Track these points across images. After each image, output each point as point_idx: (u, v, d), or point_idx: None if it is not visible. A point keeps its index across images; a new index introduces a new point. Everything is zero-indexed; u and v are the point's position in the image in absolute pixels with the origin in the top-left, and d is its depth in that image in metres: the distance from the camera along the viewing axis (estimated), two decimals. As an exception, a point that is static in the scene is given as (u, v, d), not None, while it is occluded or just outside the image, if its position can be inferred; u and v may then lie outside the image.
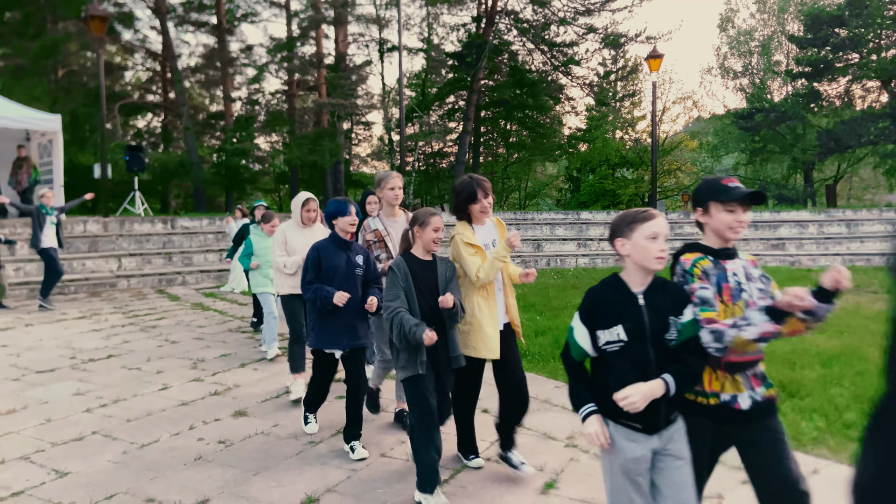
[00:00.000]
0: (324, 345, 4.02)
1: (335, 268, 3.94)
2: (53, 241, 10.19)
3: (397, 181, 4.25)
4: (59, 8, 26.12)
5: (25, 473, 3.83)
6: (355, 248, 4.09)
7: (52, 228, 10.16)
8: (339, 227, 4.04)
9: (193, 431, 4.52)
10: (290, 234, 5.17)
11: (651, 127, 21.41)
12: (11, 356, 6.88)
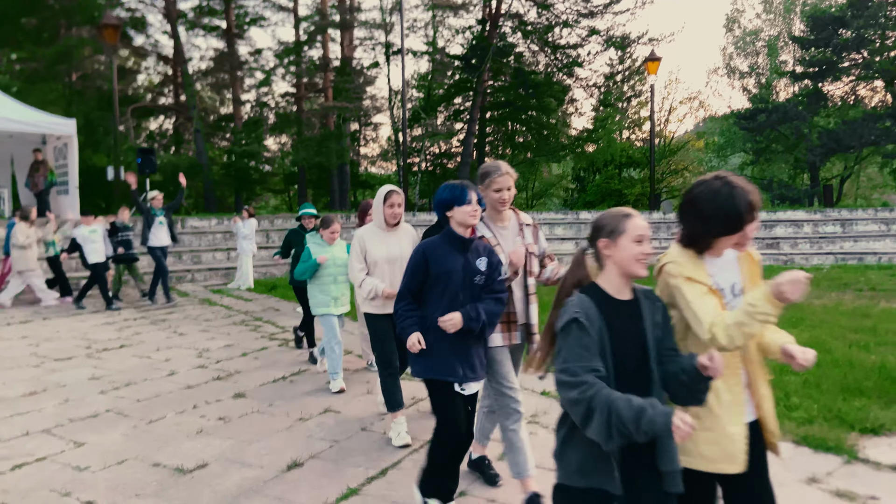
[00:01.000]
0: (437, 372, 3.04)
1: (448, 274, 3.01)
2: (161, 240, 10.56)
3: (507, 180, 3.24)
4: (73, 14, 26.83)
5: (47, 443, 4.32)
6: (477, 248, 3.10)
7: (161, 228, 10.55)
8: (456, 220, 3.05)
9: (196, 410, 5.01)
10: (371, 241, 4.25)
11: (650, 128, 21.79)
12: (31, 346, 7.41)
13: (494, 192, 3.23)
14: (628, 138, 38.15)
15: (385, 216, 4.23)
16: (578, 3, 28.27)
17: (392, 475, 3.74)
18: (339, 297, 5.55)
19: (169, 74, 29.79)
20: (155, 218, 10.51)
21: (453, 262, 3.03)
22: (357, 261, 4.24)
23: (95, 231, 10.22)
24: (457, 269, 3.02)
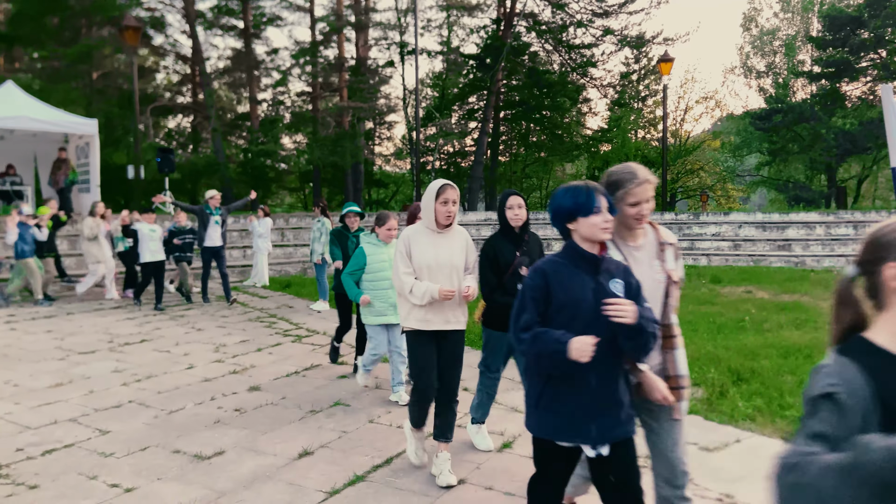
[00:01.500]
0: (555, 434, 2.41)
1: (577, 303, 2.32)
2: (213, 240, 10.43)
3: (647, 190, 2.52)
4: (94, 13, 27.36)
5: (73, 431, 4.60)
6: (609, 268, 2.42)
7: (216, 228, 10.41)
8: (581, 234, 2.37)
9: (214, 402, 5.28)
10: (417, 243, 3.68)
11: (663, 129, 21.84)
12: (56, 340, 7.74)
13: (630, 205, 2.49)
14: (643, 137, 38.16)
15: (437, 215, 3.63)
16: (593, 3, 28.33)
17: (396, 463, 3.97)
18: (395, 304, 4.91)
19: (187, 73, 30.25)
20: (210, 217, 10.35)
21: (582, 288, 2.33)
22: (403, 264, 3.66)
23: (155, 230, 10.17)
24: (586, 296, 2.32)
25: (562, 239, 2.43)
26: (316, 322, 8.85)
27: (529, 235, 3.99)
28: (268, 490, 3.61)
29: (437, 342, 3.72)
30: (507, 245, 3.88)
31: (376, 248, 5.10)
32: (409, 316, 3.70)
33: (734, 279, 13.37)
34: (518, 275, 3.80)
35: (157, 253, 10.11)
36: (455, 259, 3.68)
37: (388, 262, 5.00)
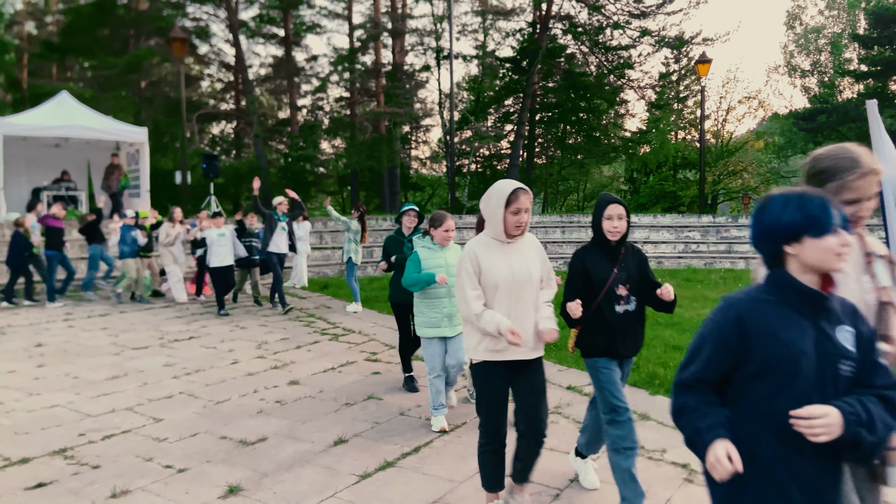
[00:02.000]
0: None
1: (793, 361, 1.70)
2: (280, 246, 10.30)
3: (870, 183, 2.06)
4: (143, 24, 28.50)
5: (130, 419, 5.01)
6: (835, 310, 1.78)
7: (282, 234, 10.31)
8: (804, 261, 1.76)
9: (257, 394, 5.65)
10: (487, 258, 3.11)
11: (700, 131, 21.68)
12: (111, 336, 8.26)
13: (847, 203, 2.00)
14: (684, 139, 37.75)
15: (507, 225, 3.10)
16: (630, 4, 28.26)
17: (424, 452, 4.25)
18: (454, 314, 4.63)
19: (231, 81, 31.19)
20: (278, 223, 10.24)
21: (799, 338, 1.70)
22: (470, 285, 3.06)
23: (224, 234, 10.03)
24: (806, 349, 1.70)
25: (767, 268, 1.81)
26: (352, 322, 9.20)
27: (627, 248, 3.39)
28: (306, 473, 3.93)
29: (511, 375, 3.18)
30: (601, 259, 3.32)
31: (431, 253, 4.69)
32: (478, 346, 3.13)
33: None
34: (615, 295, 3.29)
35: (226, 258, 10.03)
36: (532, 272, 3.15)
37: (445, 269, 4.59)
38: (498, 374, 3.15)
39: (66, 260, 11.50)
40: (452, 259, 4.66)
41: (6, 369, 6.52)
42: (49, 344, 7.74)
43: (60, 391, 5.76)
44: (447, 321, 4.64)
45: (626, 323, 3.30)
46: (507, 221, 3.09)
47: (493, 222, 3.13)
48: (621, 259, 3.35)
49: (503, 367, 3.16)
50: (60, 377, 6.23)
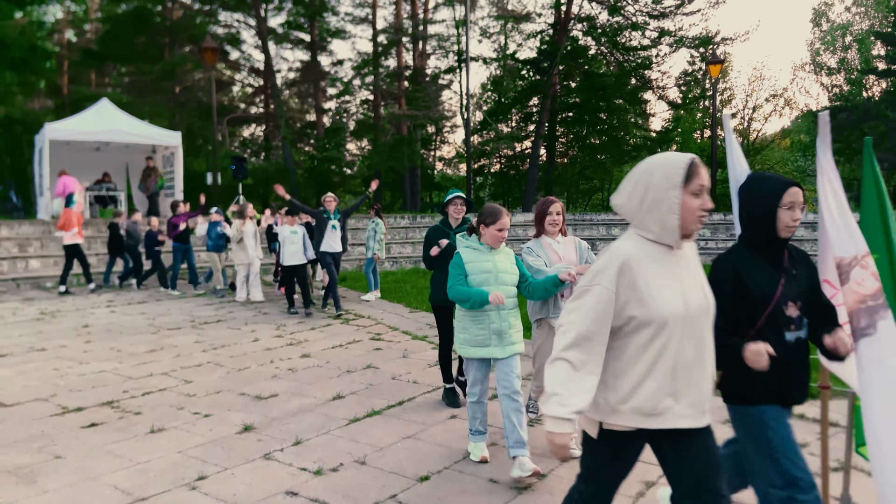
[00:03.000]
0: None
1: None
2: (333, 245, 9.61)
3: None
4: (177, 32, 29.89)
5: (165, 381, 5.92)
6: None
7: (334, 233, 9.62)
8: None
9: (272, 364, 6.53)
10: (645, 272, 2.04)
11: (711, 128, 22.07)
12: (149, 319, 9.24)
13: None
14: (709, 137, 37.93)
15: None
16: (648, 5, 28.70)
17: (406, 405, 5.08)
18: (505, 331, 3.79)
19: (260, 86, 32.44)
20: (328, 222, 9.61)
21: None
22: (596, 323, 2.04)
23: (296, 232, 9.79)
24: None
25: None
26: (364, 309, 10.06)
27: (791, 250, 2.56)
28: (307, 418, 4.78)
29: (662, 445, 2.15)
30: (762, 267, 2.47)
31: (477, 255, 3.83)
32: (621, 405, 2.09)
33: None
34: (783, 316, 2.43)
35: (297, 256, 9.77)
36: (709, 296, 2.16)
37: (494, 274, 3.78)
38: (634, 448, 2.17)
39: (190, 253, 12.40)
40: (504, 264, 3.84)
41: (59, 344, 7.52)
42: (95, 325, 8.76)
43: (106, 360, 6.71)
44: (496, 339, 3.79)
45: (799, 356, 2.45)
46: (687, 209, 2.05)
47: (659, 212, 2.06)
48: (788, 265, 2.49)
49: (648, 436, 2.15)
50: (106, 350, 7.20)
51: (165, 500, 3.45)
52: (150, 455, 4.09)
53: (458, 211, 5.14)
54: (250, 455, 4.08)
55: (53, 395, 5.44)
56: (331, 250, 9.64)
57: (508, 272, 3.84)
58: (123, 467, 3.90)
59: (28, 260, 13.43)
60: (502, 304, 3.62)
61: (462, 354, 3.91)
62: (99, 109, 17.46)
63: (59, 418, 4.86)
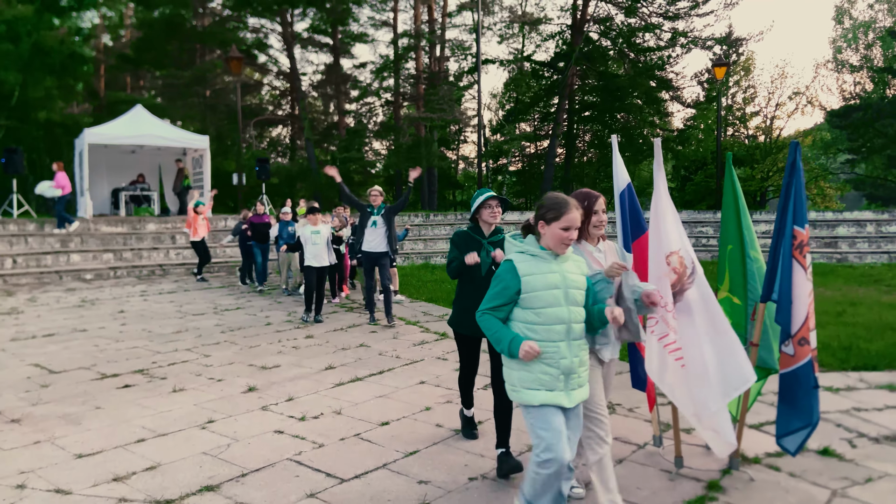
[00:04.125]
0: None
1: None
2: (375, 244, 8.64)
3: None
4: (208, 39, 31.28)
5: (187, 355, 6.94)
6: None
7: (375, 231, 8.64)
8: None
9: (280, 343, 7.52)
10: None
11: (717, 131, 22.57)
12: (176, 307, 10.34)
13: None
14: (732, 135, 38.15)
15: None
16: (663, 7, 29.20)
17: (386, 374, 6.02)
18: (573, 371, 2.81)
19: (286, 88, 33.73)
20: (370, 217, 8.60)
21: None
22: None
23: (318, 232, 8.95)
24: None
25: None
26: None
27: None
28: (301, 383, 5.75)
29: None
30: None
31: (538, 264, 2.84)
32: None
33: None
34: None
35: (319, 258, 8.95)
36: None
37: (564, 290, 2.80)
38: None
39: (267, 252, 12.66)
40: (575, 277, 2.87)
41: (98, 326, 8.62)
42: (129, 311, 9.88)
43: (139, 339, 7.78)
44: (562, 382, 2.79)
45: None
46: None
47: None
48: None
49: None
50: (138, 331, 8.28)
51: (181, 435, 4.44)
52: (171, 407, 5.10)
53: (494, 214, 3.98)
54: (251, 407, 5.06)
55: (94, 365, 6.50)
56: (371, 249, 8.62)
57: (580, 287, 2.87)
58: (150, 414, 4.91)
59: (70, 254, 14.70)
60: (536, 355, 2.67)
61: (520, 401, 2.80)
62: (134, 115, 18.74)
63: (99, 382, 5.90)
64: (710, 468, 3.83)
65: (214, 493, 3.54)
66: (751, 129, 38.60)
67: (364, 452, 4.12)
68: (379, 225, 8.65)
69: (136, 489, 3.59)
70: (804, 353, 3.48)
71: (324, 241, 9.01)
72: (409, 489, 3.57)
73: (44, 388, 5.65)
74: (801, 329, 3.47)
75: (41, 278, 13.59)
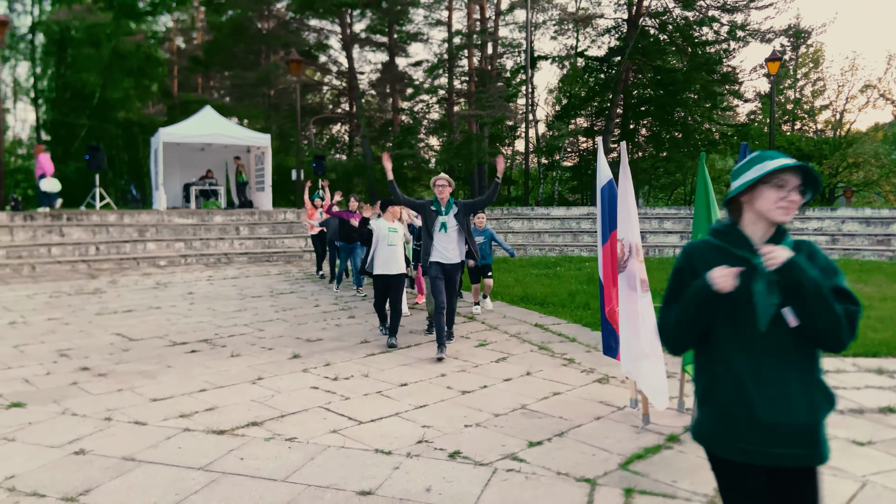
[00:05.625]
0: None
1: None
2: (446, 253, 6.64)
3: None
4: (272, 42, 32.87)
5: (245, 329, 7.91)
6: None
7: (444, 236, 6.58)
8: None
9: (325, 321, 8.42)
10: None
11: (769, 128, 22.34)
12: (238, 290, 11.43)
13: None
14: (800, 129, 37.24)
15: None
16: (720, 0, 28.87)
17: (413, 348, 6.79)
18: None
19: (344, 87, 35.06)
20: (437, 218, 6.67)
21: None
22: None
23: (396, 231, 7.29)
24: None
25: None
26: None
27: None
28: (338, 353, 6.61)
29: None
30: None
31: None
32: None
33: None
34: None
35: (392, 263, 7.16)
36: None
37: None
38: None
39: (352, 253, 11.45)
40: None
41: (170, 304, 9.75)
42: (197, 293, 11.02)
43: (204, 316, 8.83)
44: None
45: None
46: None
47: None
48: None
49: None
50: (204, 309, 9.35)
51: (235, 388, 5.34)
52: (228, 367, 6.03)
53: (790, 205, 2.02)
54: (293, 369, 5.94)
55: (166, 335, 7.54)
56: (444, 260, 6.62)
57: None
58: (211, 373, 5.85)
59: (146, 243, 16.14)
60: None
61: None
62: (203, 115, 20.19)
63: (170, 348, 6.91)
64: (676, 425, 4.44)
65: (259, 427, 4.40)
66: (819, 124, 37.54)
67: (382, 404, 4.91)
68: (450, 228, 6.54)
69: (198, 423, 4.48)
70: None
71: (400, 243, 7.23)
72: (413, 430, 4.34)
73: (124, 352, 6.70)
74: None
75: (121, 264, 15.04)
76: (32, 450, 4.00)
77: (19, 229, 14.71)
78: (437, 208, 6.64)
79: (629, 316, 3.95)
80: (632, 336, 3.95)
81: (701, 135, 32.89)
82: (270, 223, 18.54)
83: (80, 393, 5.21)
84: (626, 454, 3.94)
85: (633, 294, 3.96)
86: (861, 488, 3.51)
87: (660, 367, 3.91)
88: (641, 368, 3.92)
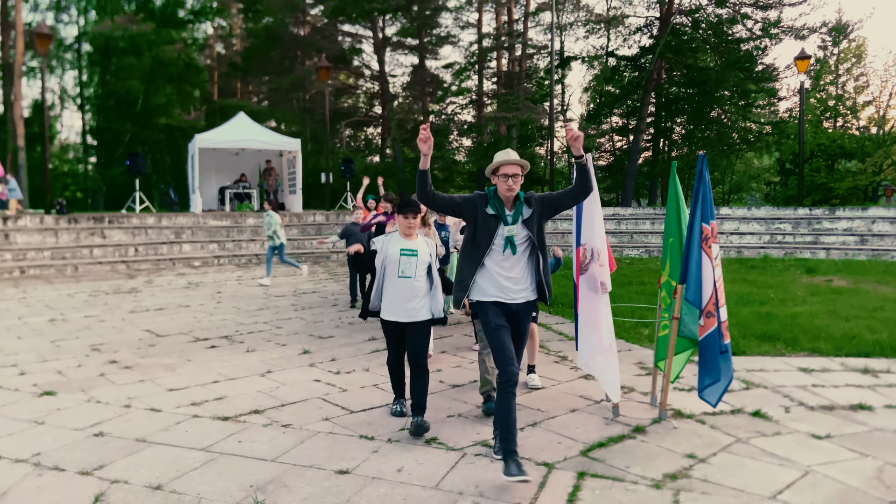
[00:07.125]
0: None
1: None
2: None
3: None
4: (306, 47, 33.69)
5: (263, 326, 8.41)
6: None
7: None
8: None
9: (340, 319, 8.87)
10: None
11: (799, 127, 22.04)
12: (263, 289, 12.00)
13: None
14: (842, 126, 36.43)
15: None
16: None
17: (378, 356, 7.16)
18: None
19: (377, 90, 35.69)
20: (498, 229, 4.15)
21: None
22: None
23: (414, 254, 4.75)
24: None
25: None
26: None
27: None
28: (345, 349, 7.04)
29: None
30: None
31: None
32: None
33: (828, 270, 14.33)
34: None
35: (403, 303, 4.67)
36: None
37: None
38: None
39: None
40: None
41: (198, 303, 10.34)
42: (225, 292, 11.62)
43: (229, 314, 9.38)
44: None
45: None
46: None
47: None
48: None
49: None
50: (229, 308, 9.91)
51: (245, 380, 5.81)
52: (242, 362, 6.51)
53: None
54: (301, 364, 6.38)
55: (191, 331, 8.09)
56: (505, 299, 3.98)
57: None
58: (226, 366, 6.33)
59: (182, 244, 16.92)
60: None
61: None
62: (237, 121, 20.96)
63: (193, 343, 7.44)
64: (643, 418, 4.72)
65: (259, 414, 4.84)
66: (862, 120, 36.64)
67: (375, 396, 5.31)
68: (518, 244, 3.92)
69: (206, 410, 4.95)
70: (711, 323, 4.32)
71: (421, 272, 4.61)
72: (399, 419, 4.72)
73: (151, 347, 7.25)
74: (708, 304, 4.31)
75: (158, 264, 15.82)
76: (58, 432, 4.51)
77: (63, 232, 15.62)
78: (498, 211, 3.88)
79: (588, 314, 4.27)
80: (590, 334, 4.26)
81: (739, 133, 32.40)
82: (300, 225, 19.17)
83: (106, 383, 5.74)
84: (589, 442, 4.25)
85: (593, 295, 4.28)
86: (802, 476, 3.75)
87: (614, 363, 4.21)
88: (597, 363, 4.23)
